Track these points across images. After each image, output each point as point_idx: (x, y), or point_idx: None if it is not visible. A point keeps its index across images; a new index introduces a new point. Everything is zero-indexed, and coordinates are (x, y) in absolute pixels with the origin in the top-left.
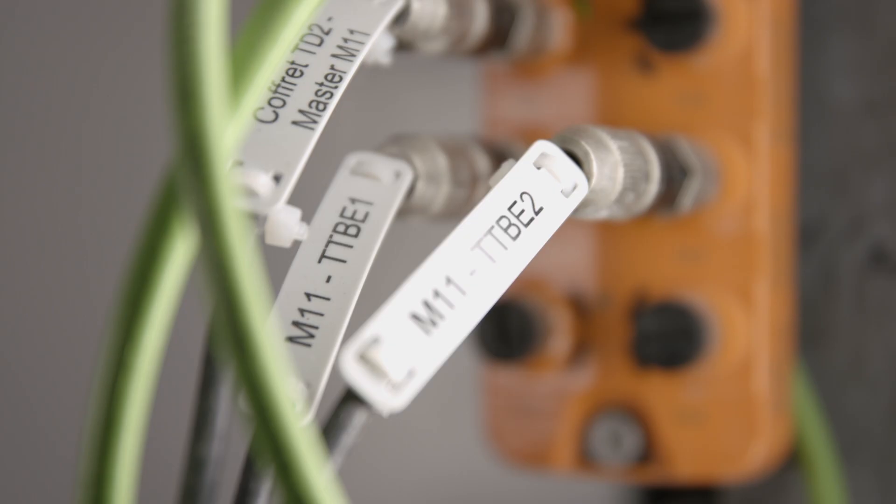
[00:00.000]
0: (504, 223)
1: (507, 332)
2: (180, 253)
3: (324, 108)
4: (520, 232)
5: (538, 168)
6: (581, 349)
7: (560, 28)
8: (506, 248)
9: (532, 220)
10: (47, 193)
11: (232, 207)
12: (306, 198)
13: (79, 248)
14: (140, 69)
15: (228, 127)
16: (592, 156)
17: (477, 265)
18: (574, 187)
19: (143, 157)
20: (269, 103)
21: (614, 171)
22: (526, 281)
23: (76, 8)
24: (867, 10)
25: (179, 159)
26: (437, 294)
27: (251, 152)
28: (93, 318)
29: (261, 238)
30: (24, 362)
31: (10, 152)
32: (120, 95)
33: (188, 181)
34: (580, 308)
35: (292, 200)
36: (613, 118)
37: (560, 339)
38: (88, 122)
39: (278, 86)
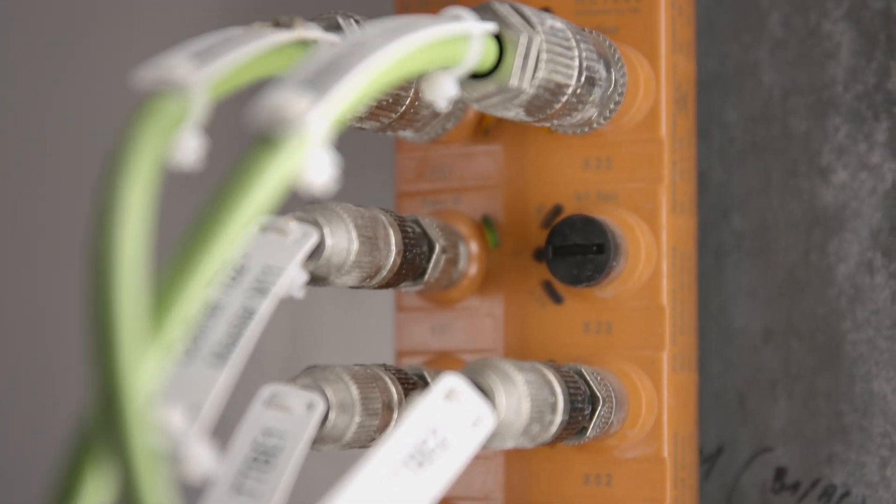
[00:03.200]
0: (412, 459)
1: None
2: (92, 496)
3: (238, 345)
4: (427, 467)
5: (446, 402)
6: None
7: (470, 258)
8: (413, 483)
9: (440, 454)
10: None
11: (144, 446)
12: (220, 429)
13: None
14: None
15: (144, 367)
16: (499, 389)
17: (385, 501)
18: (481, 420)
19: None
20: (184, 341)
21: (520, 403)
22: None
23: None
24: (765, 241)
25: (94, 400)
26: None
27: (166, 390)
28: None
29: (174, 474)
30: None
31: None
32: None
33: (102, 421)
34: None
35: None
36: (522, 346)
37: None
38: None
39: (193, 324)
